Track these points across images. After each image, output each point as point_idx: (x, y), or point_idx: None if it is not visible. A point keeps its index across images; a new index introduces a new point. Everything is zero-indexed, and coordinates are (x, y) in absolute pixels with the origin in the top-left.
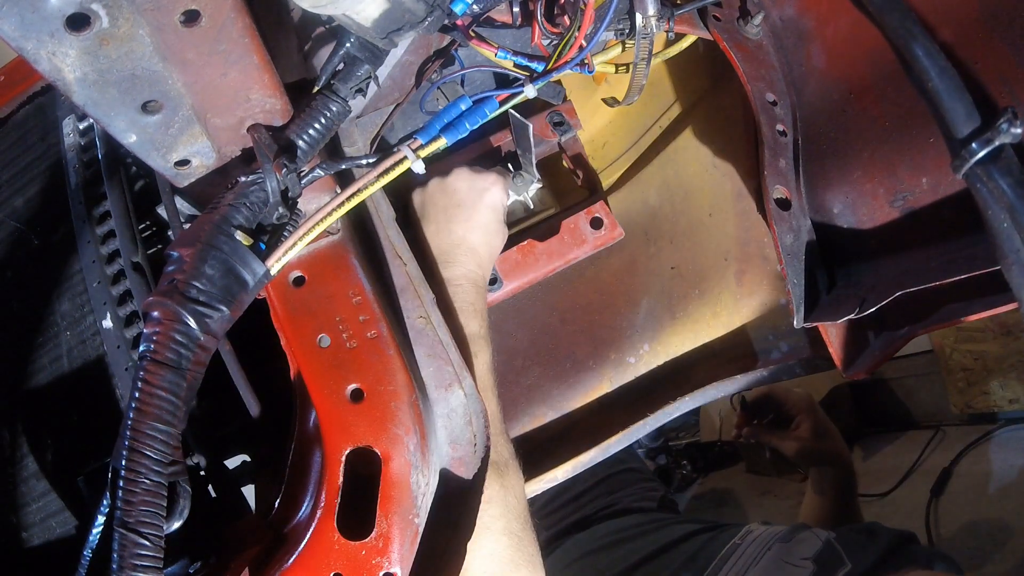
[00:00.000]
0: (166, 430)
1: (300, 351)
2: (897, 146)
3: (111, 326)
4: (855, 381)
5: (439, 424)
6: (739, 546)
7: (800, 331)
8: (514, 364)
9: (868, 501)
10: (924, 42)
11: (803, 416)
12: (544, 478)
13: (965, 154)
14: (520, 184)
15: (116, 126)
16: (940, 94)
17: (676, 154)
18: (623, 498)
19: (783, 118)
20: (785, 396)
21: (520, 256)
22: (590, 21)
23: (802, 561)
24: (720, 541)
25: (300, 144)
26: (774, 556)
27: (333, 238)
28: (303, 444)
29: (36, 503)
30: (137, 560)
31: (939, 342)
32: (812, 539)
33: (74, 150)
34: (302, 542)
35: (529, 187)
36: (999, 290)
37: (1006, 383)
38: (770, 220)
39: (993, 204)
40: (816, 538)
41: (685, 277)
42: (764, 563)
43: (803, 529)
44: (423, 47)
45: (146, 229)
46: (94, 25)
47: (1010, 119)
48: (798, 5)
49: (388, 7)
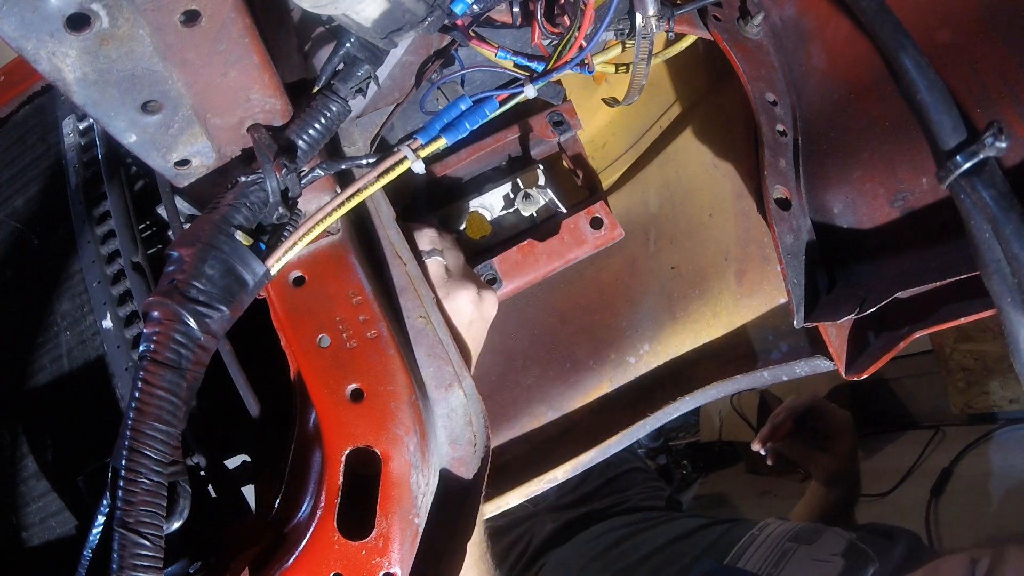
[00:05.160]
0: (166, 430)
1: (300, 351)
2: (897, 146)
3: (111, 326)
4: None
5: (439, 424)
6: (757, 537)
7: (800, 331)
8: (514, 364)
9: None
10: (913, 54)
11: (843, 437)
12: (544, 478)
13: (950, 165)
14: (530, 205)
15: (116, 126)
16: (928, 107)
17: (676, 154)
18: (632, 496)
19: (783, 118)
20: (830, 412)
21: (520, 256)
22: (590, 21)
23: (831, 557)
24: (739, 532)
25: (300, 144)
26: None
27: (333, 238)
28: (303, 444)
29: (36, 503)
30: (137, 560)
31: (939, 342)
32: (837, 537)
33: (74, 150)
34: (302, 542)
35: (537, 205)
36: None
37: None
38: (770, 220)
39: (976, 215)
40: (841, 537)
41: (685, 277)
42: (793, 563)
43: (825, 529)
44: (423, 47)
45: (146, 229)
46: (94, 25)
47: (995, 133)
48: (798, 5)
49: (388, 7)
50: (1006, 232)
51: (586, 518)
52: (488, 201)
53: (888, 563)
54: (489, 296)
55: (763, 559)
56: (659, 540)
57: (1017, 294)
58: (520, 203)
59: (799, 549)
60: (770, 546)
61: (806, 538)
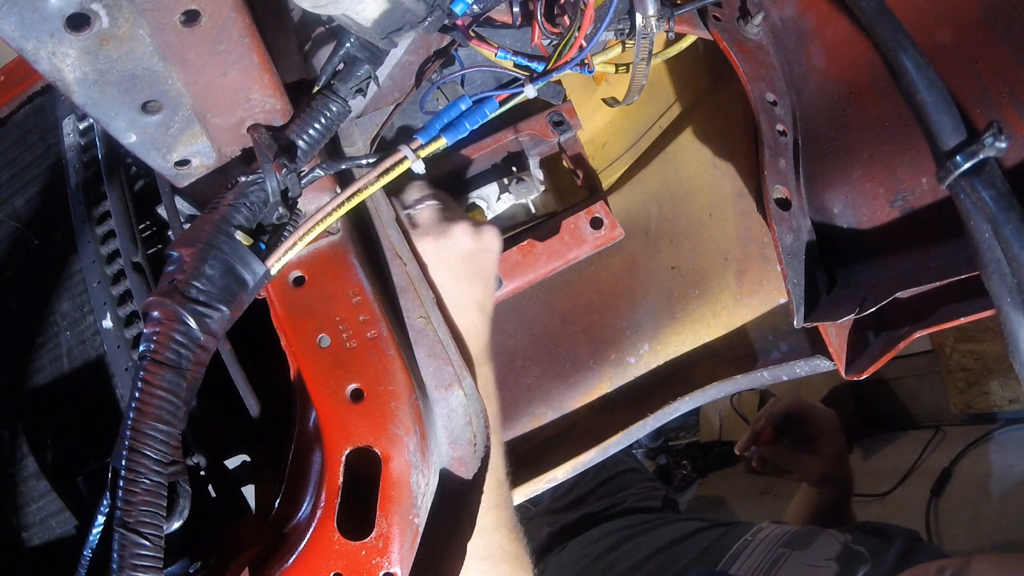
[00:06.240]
0: (166, 430)
1: (300, 351)
2: (897, 146)
3: (111, 326)
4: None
5: (439, 424)
6: (751, 542)
7: (800, 331)
8: (514, 364)
9: (868, 501)
10: (913, 54)
11: (829, 438)
12: (544, 478)
13: (950, 166)
14: (523, 190)
15: (116, 126)
16: (927, 107)
17: (676, 154)
18: (627, 497)
19: (783, 118)
20: (812, 413)
21: (520, 256)
22: (590, 21)
23: (826, 562)
24: (732, 537)
25: (300, 144)
26: (795, 561)
27: (333, 238)
28: (303, 444)
29: (36, 503)
30: (137, 560)
31: (939, 342)
32: (831, 541)
33: (74, 150)
34: (302, 542)
35: (532, 194)
36: None
37: (1006, 383)
38: (770, 220)
39: (975, 215)
40: (835, 540)
41: (685, 277)
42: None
43: (819, 532)
44: (423, 47)
45: (146, 229)
46: (94, 25)
47: (995, 133)
48: (798, 5)
49: (388, 7)
50: (1006, 232)
51: (582, 522)
52: (484, 193)
53: (880, 565)
54: (488, 228)
55: (755, 565)
56: (653, 545)
57: (1017, 294)
58: (514, 188)
59: (792, 555)
60: (763, 552)
61: (799, 543)
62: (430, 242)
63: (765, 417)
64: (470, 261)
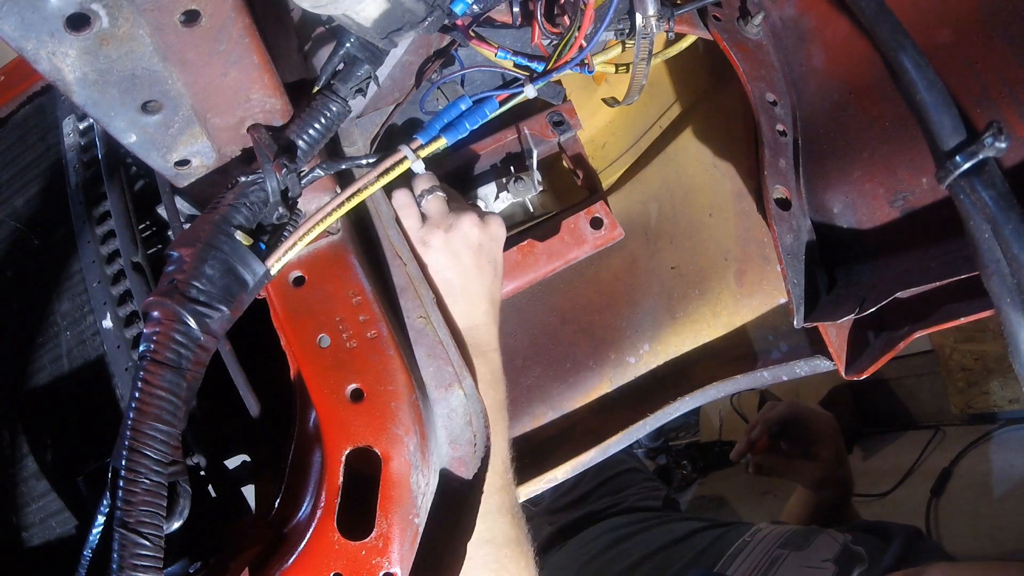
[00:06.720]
0: (166, 430)
1: (300, 351)
2: (897, 146)
3: (111, 326)
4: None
5: (439, 424)
6: (749, 543)
7: (800, 331)
8: (514, 364)
9: (868, 501)
10: (913, 54)
11: (827, 441)
12: (544, 478)
13: (950, 166)
14: (522, 188)
15: (116, 126)
16: (927, 107)
17: (676, 154)
18: (628, 497)
19: (783, 118)
20: (809, 418)
21: (520, 256)
22: (590, 21)
23: (823, 563)
24: (730, 538)
25: (300, 144)
26: (792, 562)
27: (333, 238)
28: (303, 444)
29: (36, 503)
30: (137, 560)
31: (939, 342)
32: (830, 541)
33: (74, 150)
34: (302, 542)
35: (530, 192)
36: None
37: (1006, 383)
38: (770, 220)
39: (975, 215)
40: (834, 540)
41: (685, 277)
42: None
43: (818, 532)
44: (423, 47)
45: (146, 229)
46: (94, 25)
47: (995, 133)
48: (798, 5)
49: (388, 7)
50: (1006, 232)
51: (582, 521)
52: (483, 192)
53: (877, 565)
54: (493, 217)
55: (753, 567)
56: (651, 545)
57: (1017, 294)
58: (512, 188)
59: (789, 556)
60: (760, 553)
61: (797, 544)
62: (440, 234)
63: (761, 424)
64: (480, 251)
